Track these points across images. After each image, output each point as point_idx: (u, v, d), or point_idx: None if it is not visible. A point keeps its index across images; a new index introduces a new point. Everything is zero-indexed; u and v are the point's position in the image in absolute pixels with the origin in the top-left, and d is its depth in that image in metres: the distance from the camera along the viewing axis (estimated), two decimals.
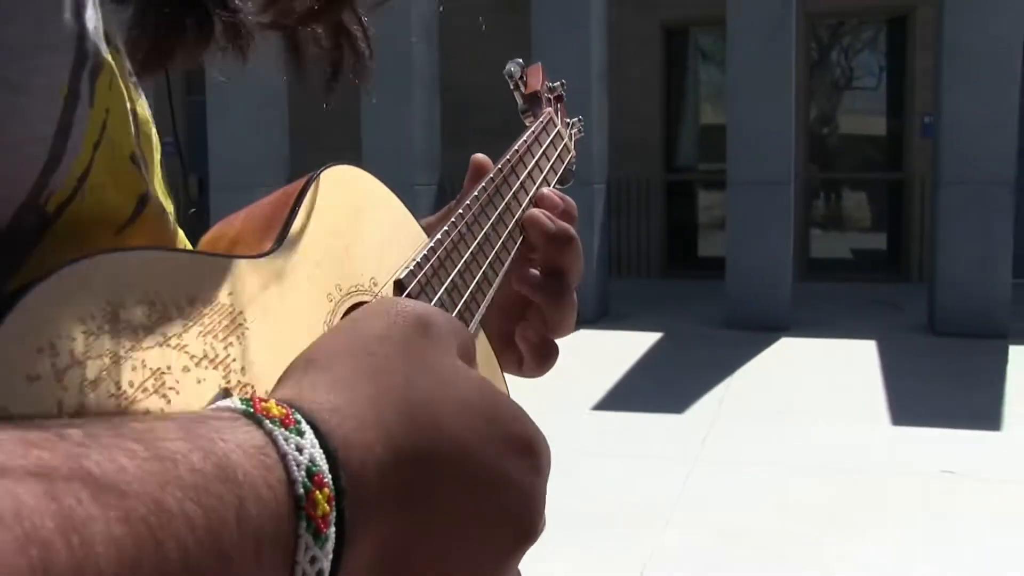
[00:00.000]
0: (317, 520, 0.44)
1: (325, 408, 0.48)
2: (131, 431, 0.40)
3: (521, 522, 0.55)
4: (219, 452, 0.42)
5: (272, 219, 0.62)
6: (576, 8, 10.71)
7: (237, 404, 0.46)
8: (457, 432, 0.52)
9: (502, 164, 0.90)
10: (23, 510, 0.34)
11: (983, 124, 9.72)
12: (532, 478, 0.55)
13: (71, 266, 0.44)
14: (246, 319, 0.53)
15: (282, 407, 0.46)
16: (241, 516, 0.41)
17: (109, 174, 0.52)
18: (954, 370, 8.46)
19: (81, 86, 0.49)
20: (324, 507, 0.44)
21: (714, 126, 14.35)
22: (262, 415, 0.45)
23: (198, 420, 0.43)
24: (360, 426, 0.48)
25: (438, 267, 0.73)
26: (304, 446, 0.45)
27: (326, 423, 0.47)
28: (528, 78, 1.08)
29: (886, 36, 15.13)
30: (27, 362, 0.41)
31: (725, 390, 7.86)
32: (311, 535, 0.44)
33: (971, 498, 5.46)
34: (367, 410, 0.49)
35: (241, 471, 0.42)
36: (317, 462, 0.45)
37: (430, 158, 11.35)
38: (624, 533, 5.05)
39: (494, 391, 0.57)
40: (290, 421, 0.45)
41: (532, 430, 0.57)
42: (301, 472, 0.44)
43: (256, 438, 0.44)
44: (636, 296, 12.65)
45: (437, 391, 0.53)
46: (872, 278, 14.10)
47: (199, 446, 0.41)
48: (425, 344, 0.55)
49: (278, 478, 0.43)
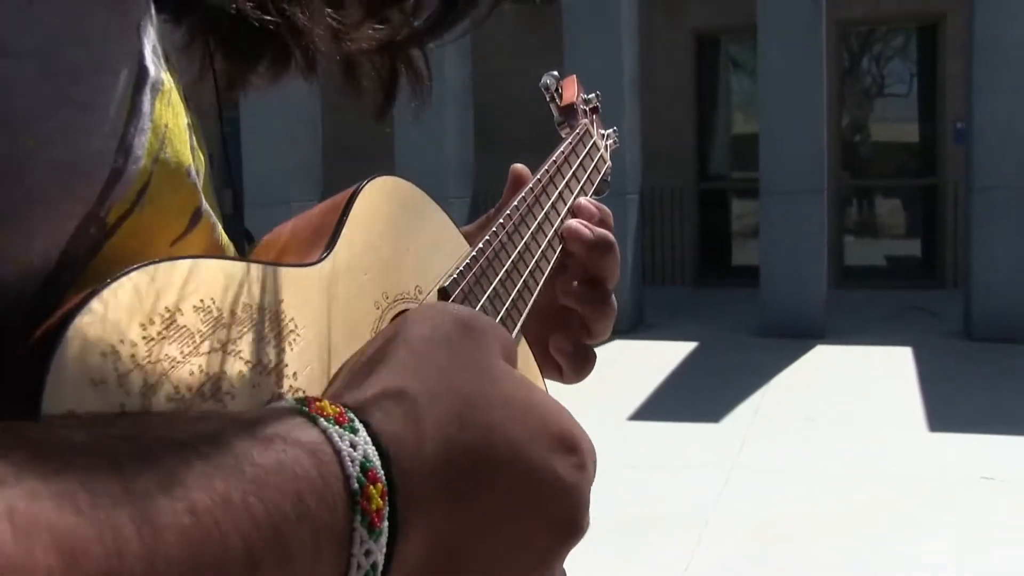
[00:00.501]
0: (371, 514, 0.45)
1: (377, 407, 0.50)
2: (194, 427, 0.42)
3: (567, 518, 0.56)
4: (278, 448, 0.43)
5: (320, 229, 0.64)
6: (607, 17, 10.72)
7: (292, 404, 0.48)
8: (506, 429, 0.53)
9: (540, 175, 0.91)
10: (99, 500, 0.36)
11: (1015, 129, 9.66)
12: (577, 475, 0.57)
13: (130, 274, 0.46)
14: (297, 326, 0.55)
15: (335, 406, 0.48)
16: (299, 510, 0.43)
17: (167, 187, 0.53)
18: (991, 375, 8.41)
19: (142, 102, 0.51)
20: (378, 501, 0.46)
21: (746, 134, 14.31)
22: (317, 414, 0.46)
23: (256, 419, 0.45)
24: (411, 424, 0.50)
25: (480, 275, 0.75)
26: (358, 443, 0.46)
27: (378, 422, 0.49)
28: (563, 90, 1.08)
29: (916, 43, 15.05)
30: (91, 367, 0.43)
31: (761, 398, 7.84)
32: (366, 529, 0.45)
33: (1012, 504, 5.42)
34: (417, 409, 0.50)
35: (299, 467, 0.44)
36: (371, 458, 0.46)
37: (463, 171, 11.37)
38: (662, 541, 5.06)
39: (537, 390, 0.58)
40: (344, 419, 0.47)
41: (576, 428, 0.59)
42: (355, 467, 0.45)
43: (312, 435, 0.45)
44: (670, 305, 12.63)
45: (484, 389, 0.54)
46: (906, 284, 14.01)
47: (258, 443, 0.43)
48: (469, 344, 0.56)
49: (334, 473, 0.45)
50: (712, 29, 15.06)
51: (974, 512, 5.31)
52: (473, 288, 0.73)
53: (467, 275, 0.73)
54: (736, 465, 6.19)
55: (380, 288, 0.65)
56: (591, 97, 1.12)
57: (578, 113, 1.07)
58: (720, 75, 15.78)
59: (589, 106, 1.11)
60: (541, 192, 0.89)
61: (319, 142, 11.56)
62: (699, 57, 15.30)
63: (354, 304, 0.61)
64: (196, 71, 0.67)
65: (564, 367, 0.89)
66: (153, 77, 0.52)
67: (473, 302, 0.72)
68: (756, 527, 5.20)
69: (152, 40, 0.53)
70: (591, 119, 1.09)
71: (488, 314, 0.73)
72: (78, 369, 0.42)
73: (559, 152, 0.97)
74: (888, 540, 4.97)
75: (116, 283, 0.45)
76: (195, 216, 0.57)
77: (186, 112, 0.59)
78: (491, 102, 12.99)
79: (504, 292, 0.77)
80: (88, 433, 0.39)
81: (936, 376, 8.38)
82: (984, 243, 9.92)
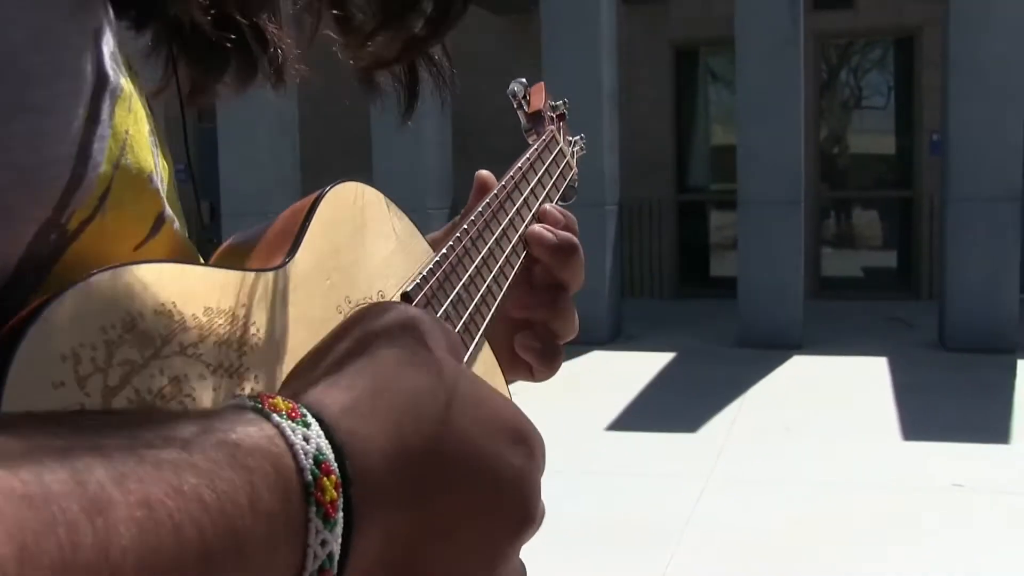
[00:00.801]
0: (326, 505, 0.46)
1: (329, 402, 0.50)
2: (149, 424, 0.43)
3: (520, 508, 0.56)
4: (231, 442, 0.44)
5: (283, 234, 0.64)
6: (586, 29, 10.73)
7: (246, 401, 0.48)
8: (457, 421, 0.54)
9: (505, 181, 0.91)
10: (51, 495, 0.36)
11: (990, 141, 9.73)
12: (528, 464, 0.57)
13: (92, 278, 0.46)
14: (259, 329, 0.56)
15: (288, 402, 0.49)
16: (253, 501, 0.43)
17: (129, 193, 0.54)
18: (964, 385, 8.46)
19: (102, 108, 0.52)
20: (332, 493, 0.47)
21: (725, 146, 14.33)
22: (270, 409, 0.47)
23: (211, 415, 0.46)
24: (363, 418, 0.51)
25: (443, 280, 0.75)
26: (311, 436, 0.47)
27: (331, 416, 0.49)
28: (531, 97, 1.09)
29: (894, 55, 15.13)
30: (52, 369, 0.43)
31: (738, 408, 7.87)
32: (321, 519, 0.46)
33: (982, 511, 5.47)
34: (369, 403, 0.51)
35: (252, 459, 0.44)
36: (324, 451, 0.47)
37: (442, 182, 11.36)
38: (638, 551, 5.07)
39: (484, 384, 0.59)
40: (296, 414, 0.48)
41: (523, 419, 0.59)
42: (308, 460, 0.46)
43: (265, 429, 0.46)
44: (649, 316, 12.64)
45: (433, 383, 0.55)
46: (883, 295, 14.06)
47: (213, 437, 0.44)
48: (415, 341, 0.57)
49: (287, 466, 0.46)
50: (691, 41, 15.09)
51: (947, 520, 5.35)
52: (436, 293, 0.73)
53: (430, 280, 0.73)
54: (713, 475, 6.21)
55: (342, 292, 0.65)
56: (558, 104, 1.12)
57: (545, 120, 1.08)
58: (699, 87, 15.80)
59: (556, 113, 1.11)
60: (506, 198, 0.90)
61: (297, 154, 11.53)
62: (678, 69, 15.32)
63: (316, 308, 0.61)
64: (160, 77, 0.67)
65: (533, 364, 0.89)
66: (112, 83, 0.53)
67: (436, 306, 0.73)
68: (733, 537, 5.22)
69: (111, 46, 0.54)
70: (558, 126, 1.09)
71: (451, 318, 0.74)
72: (38, 372, 0.43)
73: (524, 159, 0.97)
74: (863, 548, 5.00)
75: (77, 287, 0.46)
76: (158, 221, 0.57)
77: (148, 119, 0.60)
78: (470, 113, 12.99)
79: (468, 296, 0.77)
80: (41, 429, 0.40)
81: (911, 386, 8.43)
82: (959, 254, 9.97)
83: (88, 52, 0.52)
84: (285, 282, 0.60)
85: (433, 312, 0.72)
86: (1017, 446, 6.70)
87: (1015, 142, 9.71)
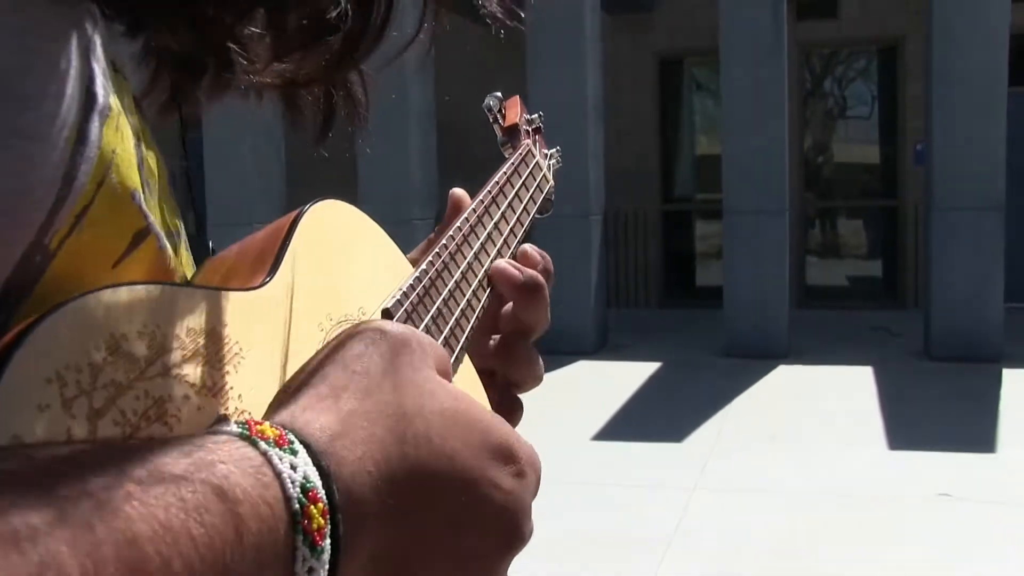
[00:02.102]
0: (313, 533, 0.46)
1: (316, 427, 0.50)
2: (135, 456, 0.42)
3: (508, 527, 0.57)
4: (218, 473, 0.44)
5: (263, 252, 0.64)
6: (571, 39, 10.74)
7: (233, 428, 0.48)
8: (444, 441, 0.54)
9: (483, 196, 0.92)
10: (38, 536, 0.36)
11: (973, 150, 9.77)
12: (516, 483, 0.57)
13: (76, 300, 0.46)
14: (242, 348, 0.55)
15: (276, 428, 0.49)
16: (241, 532, 0.43)
17: (109, 210, 0.53)
18: (949, 394, 8.48)
19: (89, 129, 0.51)
20: (319, 520, 0.47)
21: (710, 156, 14.35)
22: (257, 437, 0.47)
23: (197, 444, 0.46)
24: (351, 443, 0.51)
25: (423, 296, 0.75)
26: (298, 464, 0.47)
27: (318, 442, 0.49)
28: (507, 111, 1.09)
29: (878, 65, 15.19)
30: (37, 392, 0.43)
31: (724, 418, 7.87)
32: (307, 547, 0.46)
33: (968, 521, 5.48)
34: (357, 427, 0.52)
35: (240, 490, 0.44)
36: (311, 479, 0.47)
37: (427, 192, 11.36)
38: (624, 561, 5.07)
39: (474, 403, 0.59)
40: (284, 441, 0.48)
41: (513, 437, 0.59)
42: (296, 489, 0.46)
43: (253, 458, 0.46)
44: (634, 326, 12.64)
45: (421, 402, 0.55)
46: (868, 305, 14.09)
47: (199, 468, 0.44)
48: (403, 360, 0.57)
49: (274, 495, 0.46)
50: (676, 51, 15.13)
51: (932, 528, 5.36)
52: (416, 308, 0.73)
53: (410, 296, 0.73)
54: (699, 485, 6.21)
55: (323, 310, 0.65)
56: (534, 118, 1.12)
57: (521, 133, 1.07)
58: (684, 97, 15.84)
59: (532, 127, 1.11)
60: (483, 212, 0.90)
61: (283, 163, 11.53)
62: (663, 79, 15.36)
63: (298, 326, 0.61)
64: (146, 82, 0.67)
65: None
66: (101, 104, 0.53)
67: (416, 322, 0.73)
68: (719, 547, 5.22)
69: (102, 63, 0.53)
70: (534, 139, 1.09)
71: (431, 333, 0.74)
72: (24, 394, 0.43)
73: (500, 173, 0.97)
74: (849, 557, 5.01)
75: (61, 310, 0.46)
76: (137, 237, 0.57)
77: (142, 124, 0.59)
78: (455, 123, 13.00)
79: (447, 311, 0.77)
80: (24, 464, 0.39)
81: (896, 395, 8.45)
82: (944, 263, 10.00)
83: (77, 73, 0.51)
84: (266, 301, 0.60)
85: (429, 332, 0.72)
86: (1003, 455, 6.72)
87: (998, 151, 9.75)
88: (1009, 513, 5.58)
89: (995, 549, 5.08)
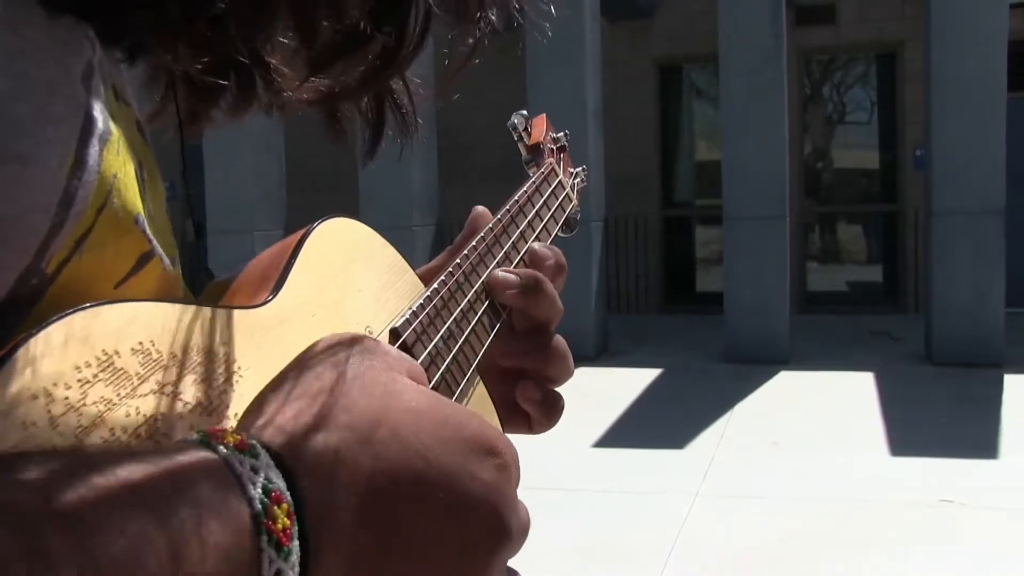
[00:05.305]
0: (278, 533, 0.46)
1: (278, 430, 0.51)
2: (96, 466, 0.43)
3: (494, 521, 0.56)
4: (180, 479, 0.44)
5: (269, 271, 0.64)
6: (570, 45, 10.74)
7: (193, 436, 0.48)
8: (416, 438, 0.54)
9: (501, 214, 0.90)
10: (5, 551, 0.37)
11: (972, 155, 9.77)
12: (497, 475, 0.57)
13: (67, 316, 0.46)
14: (241, 367, 0.55)
15: (236, 434, 0.49)
16: (203, 536, 0.44)
17: (110, 235, 0.53)
18: (951, 399, 8.47)
19: (88, 154, 0.51)
20: (284, 520, 0.47)
21: (710, 161, 14.37)
22: (216, 442, 0.48)
23: (159, 452, 0.46)
24: (315, 444, 0.51)
25: (434, 316, 0.74)
26: (259, 466, 0.47)
27: (279, 444, 0.50)
28: (532, 129, 1.08)
29: (876, 70, 15.20)
30: (22, 409, 0.43)
31: (725, 424, 7.86)
32: (273, 548, 0.46)
33: (971, 527, 5.47)
34: (320, 429, 0.51)
35: (200, 494, 0.45)
36: (273, 479, 0.48)
37: (428, 199, 11.37)
38: (627, 568, 5.06)
39: (447, 402, 0.59)
40: (244, 445, 0.48)
41: (491, 430, 0.59)
42: (257, 490, 0.47)
43: (212, 463, 0.46)
44: (635, 332, 12.63)
45: (387, 403, 0.55)
46: (869, 310, 14.09)
47: (160, 474, 0.44)
48: (367, 363, 0.57)
49: (235, 497, 0.46)
50: (675, 57, 15.14)
51: (935, 535, 5.35)
52: (426, 328, 0.73)
53: (420, 315, 0.73)
54: (701, 491, 6.20)
55: (328, 329, 0.64)
56: (560, 136, 1.11)
57: (545, 152, 1.07)
58: (683, 103, 15.85)
59: (557, 145, 1.10)
60: (502, 231, 0.88)
61: (283, 170, 11.54)
62: (662, 85, 15.37)
63: (301, 345, 0.60)
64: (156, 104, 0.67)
65: (533, 415, 0.87)
66: (101, 128, 0.52)
67: (426, 342, 0.72)
68: (721, 553, 5.21)
69: (100, 88, 0.53)
70: (558, 158, 1.08)
71: (441, 354, 0.73)
72: (9, 412, 0.42)
73: (522, 192, 0.96)
74: (852, 564, 5.00)
75: (50, 327, 0.45)
76: (142, 259, 0.57)
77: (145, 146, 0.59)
78: (455, 130, 13.01)
79: (459, 332, 0.76)
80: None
81: (898, 400, 8.44)
82: (944, 268, 10.00)
83: (76, 98, 0.51)
84: (269, 319, 0.60)
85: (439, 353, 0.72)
86: (1006, 460, 6.71)
87: (998, 156, 9.74)
88: (1013, 519, 5.57)
89: (999, 556, 5.07)
